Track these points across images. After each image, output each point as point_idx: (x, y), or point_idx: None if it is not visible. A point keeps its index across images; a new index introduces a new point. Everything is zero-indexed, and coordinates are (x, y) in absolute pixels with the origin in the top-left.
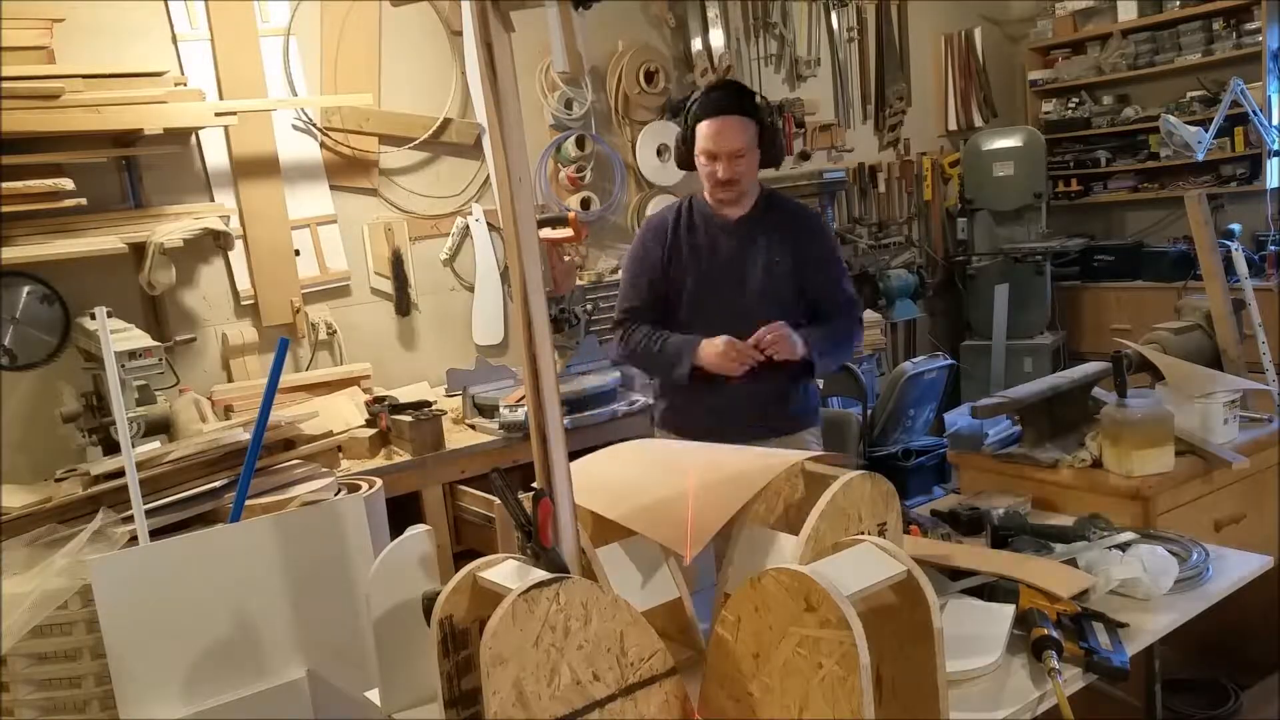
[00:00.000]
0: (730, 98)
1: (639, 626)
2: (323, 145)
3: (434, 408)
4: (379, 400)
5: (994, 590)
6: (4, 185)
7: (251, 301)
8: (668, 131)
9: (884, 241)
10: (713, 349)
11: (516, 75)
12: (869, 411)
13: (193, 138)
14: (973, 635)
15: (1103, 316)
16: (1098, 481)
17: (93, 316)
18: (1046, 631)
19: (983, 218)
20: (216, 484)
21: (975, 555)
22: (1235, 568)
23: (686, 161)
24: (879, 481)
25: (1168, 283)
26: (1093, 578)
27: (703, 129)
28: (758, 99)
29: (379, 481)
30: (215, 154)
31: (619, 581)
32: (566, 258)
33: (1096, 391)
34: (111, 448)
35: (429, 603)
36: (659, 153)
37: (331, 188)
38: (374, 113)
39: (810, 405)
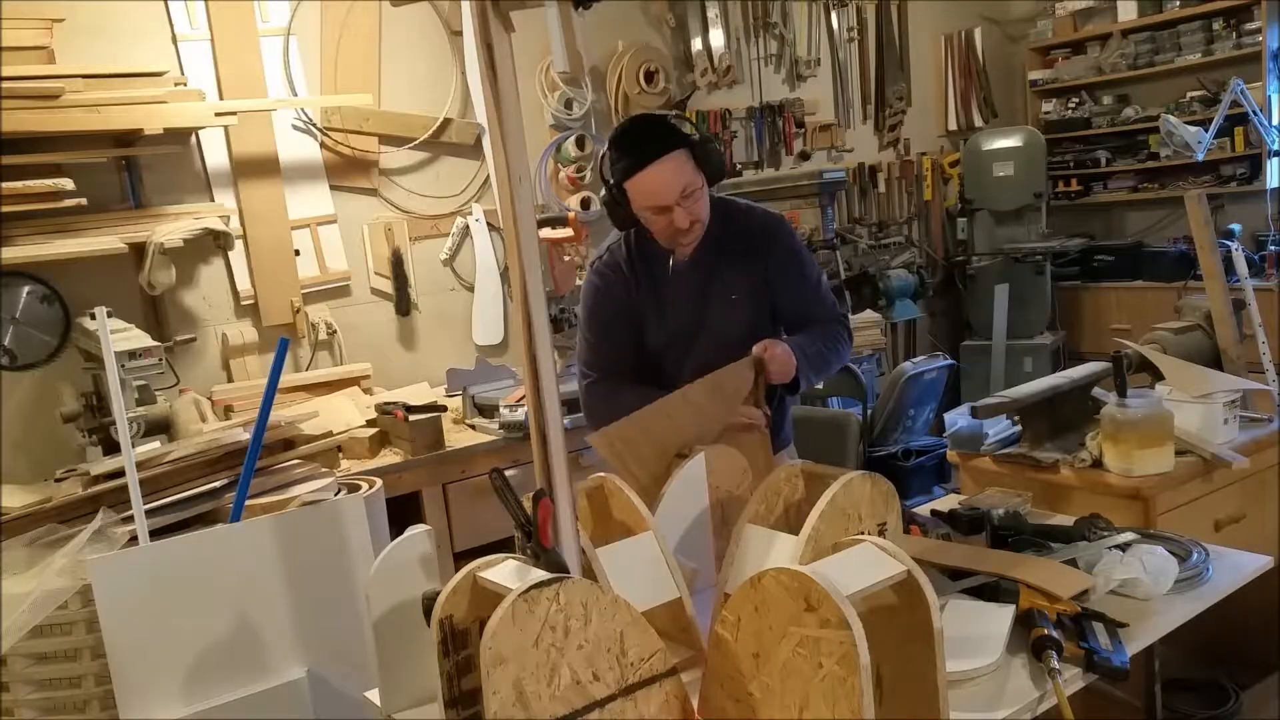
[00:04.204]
0: (650, 139)
1: (639, 626)
2: (323, 145)
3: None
4: (390, 402)
5: (994, 590)
6: (4, 185)
7: (251, 301)
8: None
9: (884, 241)
10: None
11: (516, 75)
12: (869, 411)
13: (193, 138)
14: (973, 635)
15: (1103, 316)
16: (1098, 481)
17: (93, 316)
18: (1046, 631)
19: (983, 218)
20: (216, 484)
21: (975, 555)
22: (1235, 568)
23: (627, 221)
24: (879, 481)
25: (1168, 283)
26: (1092, 578)
27: (636, 185)
28: (671, 119)
29: (379, 481)
30: (215, 154)
31: (619, 581)
32: (566, 258)
33: (1096, 391)
34: (111, 448)
35: (429, 603)
36: None
37: (331, 188)
38: (374, 113)
39: (783, 428)
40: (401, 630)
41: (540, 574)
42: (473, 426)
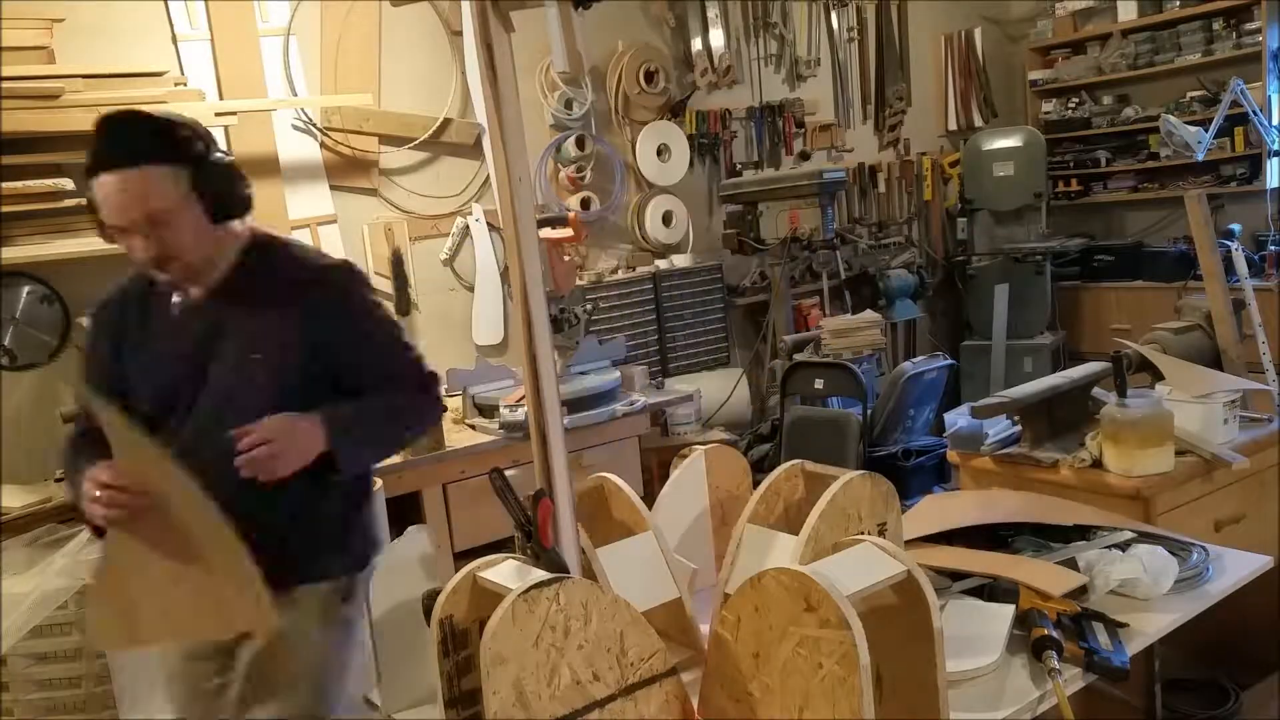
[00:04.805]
0: (123, 139)
1: (639, 626)
2: (323, 145)
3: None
4: None
5: (994, 590)
6: (4, 185)
7: None
8: (668, 131)
9: (884, 241)
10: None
11: (516, 75)
12: (869, 411)
13: None
14: (973, 635)
15: (1103, 316)
16: (1098, 481)
17: None
18: (1046, 631)
19: (983, 218)
20: None
21: (969, 557)
22: (1235, 568)
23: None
24: (879, 481)
25: (1168, 283)
26: (1084, 575)
27: (96, 194)
28: (177, 124)
29: (379, 481)
30: None
31: (619, 581)
32: (566, 258)
33: (1096, 391)
34: None
35: (429, 603)
36: (659, 153)
37: (331, 188)
38: (374, 113)
39: (335, 541)
40: (401, 630)
41: (540, 574)
42: (473, 426)
